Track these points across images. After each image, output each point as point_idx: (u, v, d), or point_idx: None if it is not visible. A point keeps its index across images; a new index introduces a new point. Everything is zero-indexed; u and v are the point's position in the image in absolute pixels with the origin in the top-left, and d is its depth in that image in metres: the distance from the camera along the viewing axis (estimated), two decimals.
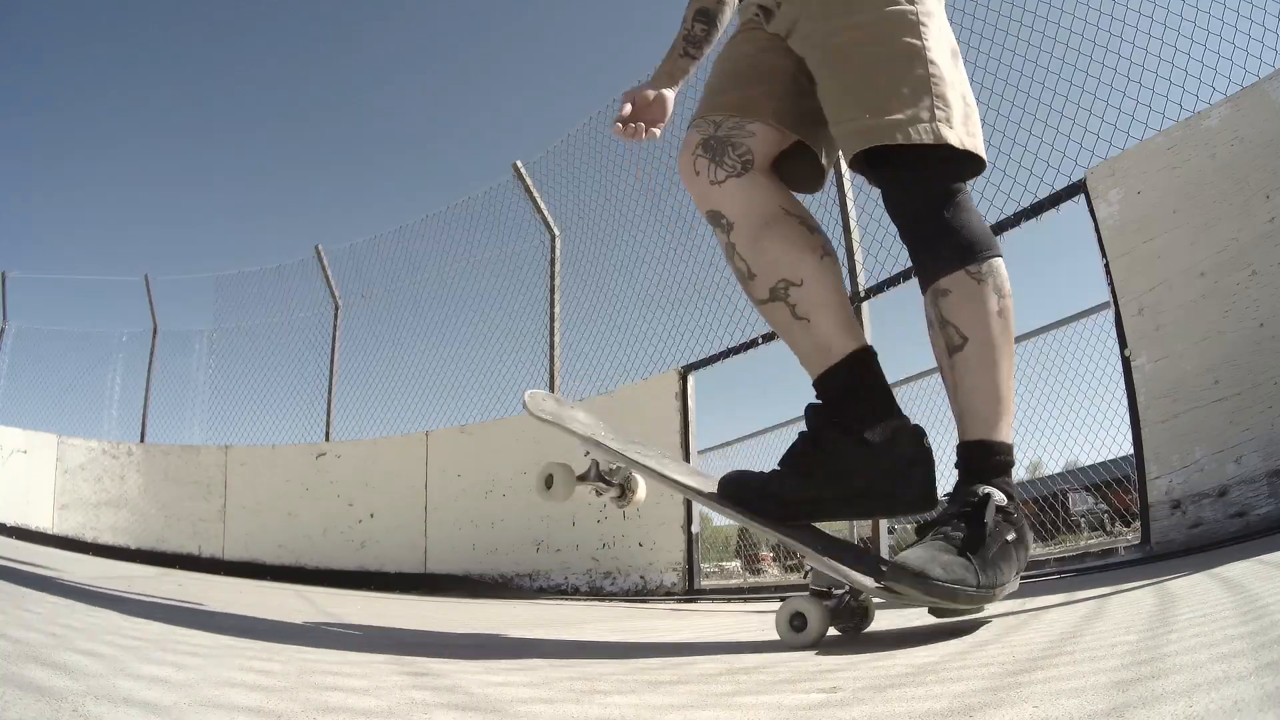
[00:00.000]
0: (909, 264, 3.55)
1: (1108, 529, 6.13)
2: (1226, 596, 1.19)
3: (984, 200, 3.35)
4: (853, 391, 1.29)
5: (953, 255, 1.26)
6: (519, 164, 5.87)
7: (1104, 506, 6.25)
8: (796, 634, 1.13)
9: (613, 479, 1.48)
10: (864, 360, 1.31)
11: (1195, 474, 2.33)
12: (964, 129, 1.28)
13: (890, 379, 1.37)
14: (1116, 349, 2.65)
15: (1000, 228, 3.21)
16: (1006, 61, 3.39)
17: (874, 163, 1.33)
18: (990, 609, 1.61)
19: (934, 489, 1.26)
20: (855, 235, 3.83)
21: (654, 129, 1.57)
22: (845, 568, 1.17)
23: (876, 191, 1.53)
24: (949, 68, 1.31)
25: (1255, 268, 2.28)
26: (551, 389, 5.54)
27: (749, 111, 1.37)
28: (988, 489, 1.17)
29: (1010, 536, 1.15)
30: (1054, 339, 5.39)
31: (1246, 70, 2.59)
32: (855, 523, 7.21)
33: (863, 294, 3.70)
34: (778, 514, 1.27)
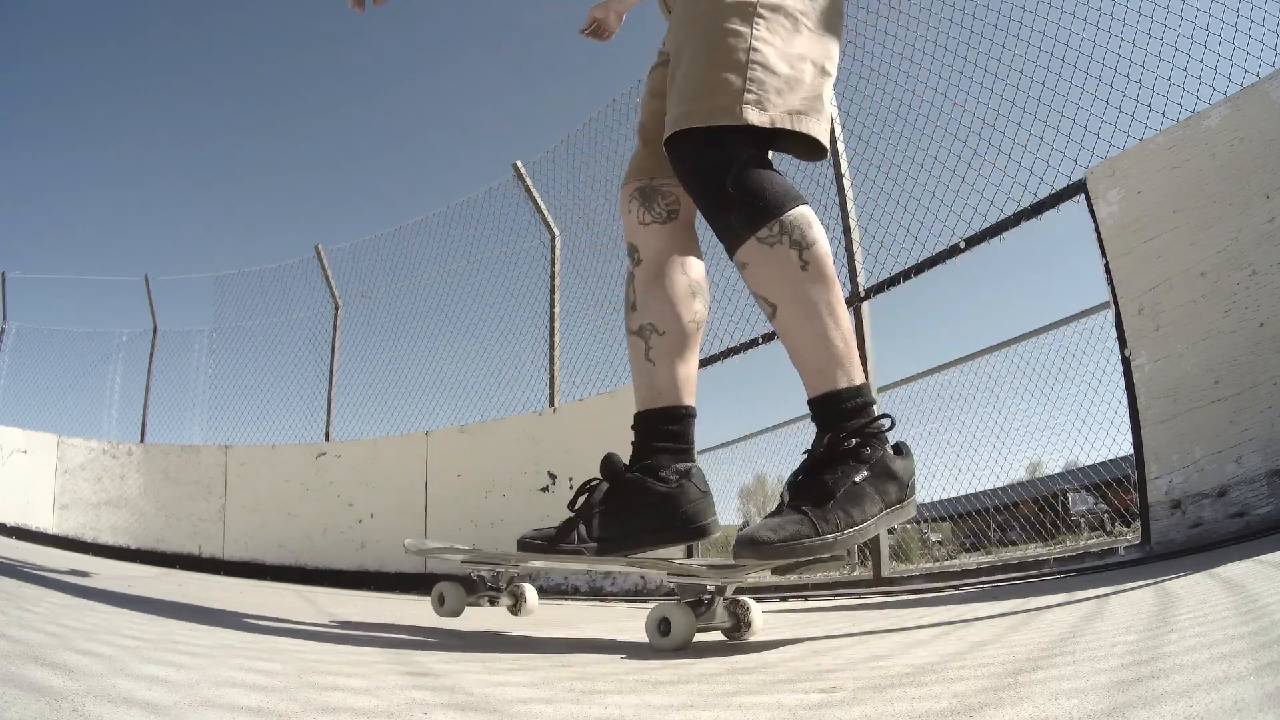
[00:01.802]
0: (909, 264, 3.56)
1: (1108, 529, 6.13)
2: (1226, 596, 1.19)
3: (984, 200, 3.36)
4: (663, 434, 1.44)
5: (742, 224, 1.27)
6: (519, 164, 5.87)
7: (1104, 506, 6.25)
8: (664, 638, 1.18)
9: (501, 588, 1.63)
10: (683, 416, 1.48)
11: (1195, 474, 2.33)
12: (782, 111, 1.29)
13: (890, 379, 1.42)
14: (1116, 349, 2.65)
15: (1000, 228, 3.22)
16: (1007, 61, 3.39)
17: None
18: (988, 609, 1.61)
19: (714, 518, 1.41)
20: (855, 235, 3.82)
21: (608, 34, 1.82)
22: (691, 566, 1.29)
23: (877, 191, 1.57)
24: (785, 56, 1.31)
25: (1255, 268, 2.28)
26: (551, 388, 5.54)
27: (665, 172, 1.49)
28: (842, 434, 1.21)
29: (860, 475, 1.18)
30: (1054, 339, 5.38)
31: (1246, 70, 2.59)
32: None
33: (863, 294, 3.70)
34: (603, 550, 1.40)
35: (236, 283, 8.33)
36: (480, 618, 2.34)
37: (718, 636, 1.32)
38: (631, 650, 1.22)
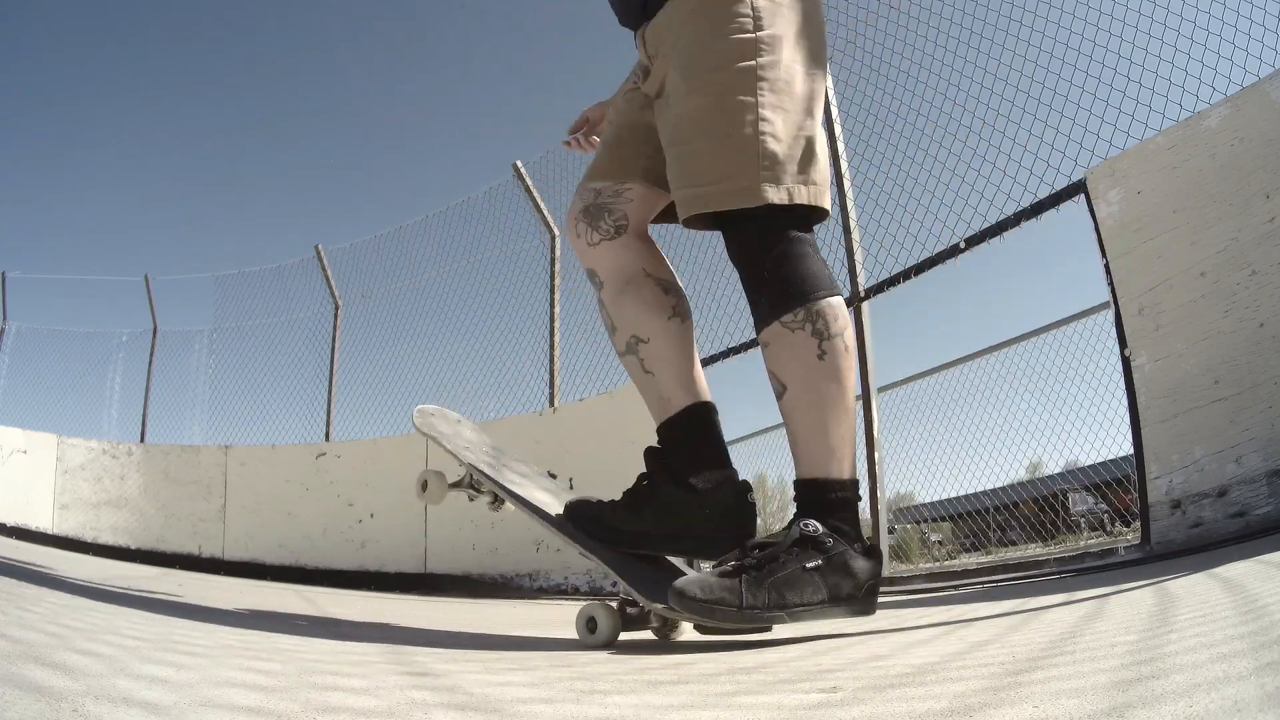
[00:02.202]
0: (909, 264, 3.56)
1: (1108, 529, 6.14)
2: (1226, 596, 1.19)
3: (984, 200, 3.36)
4: (685, 441, 1.41)
5: (769, 308, 1.29)
6: (519, 164, 5.87)
7: (1104, 506, 6.25)
8: (590, 635, 1.26)
9: (481, 487, 1.57)
10: (699, 414, 1.42)
11: (1195, 474, 2.33)
12: (796, 180, 1.30)
13: (890, 379, 1.41)
14: (1116, 349, 2.65)
15: (1000, 228, 3.22)
16: (1007, 61, 3.40)
17: (709, 220, 1.37)
18: (988, 609, 1.61)
19: (749, 538, 1.33)
20: (855, 235, 3.83)
21: (594, 139, 1.76)
22: (634, 589, 1.29)
23: (877, 191, 1.58)
24: (788, 115, 1.31)
25: (1255, 268, 2.28)
26: (551, 388, 5.54)
27: (623, 175, 1.48)
28: (806, 522, 1.21)
29: (813, 563, 1.18)
30: (1054, 339, 5.39)
31: (1246, 70, 2.59)
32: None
33: (863, 294, 3.70)
34: (607, 539, 1.39)
35: (236, 283, 8.34)
36: (480, 618, 2.34)
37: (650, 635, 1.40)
38: (631, 650, 1.23)
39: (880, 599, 1.27)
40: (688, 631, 1.36)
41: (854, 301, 3.71)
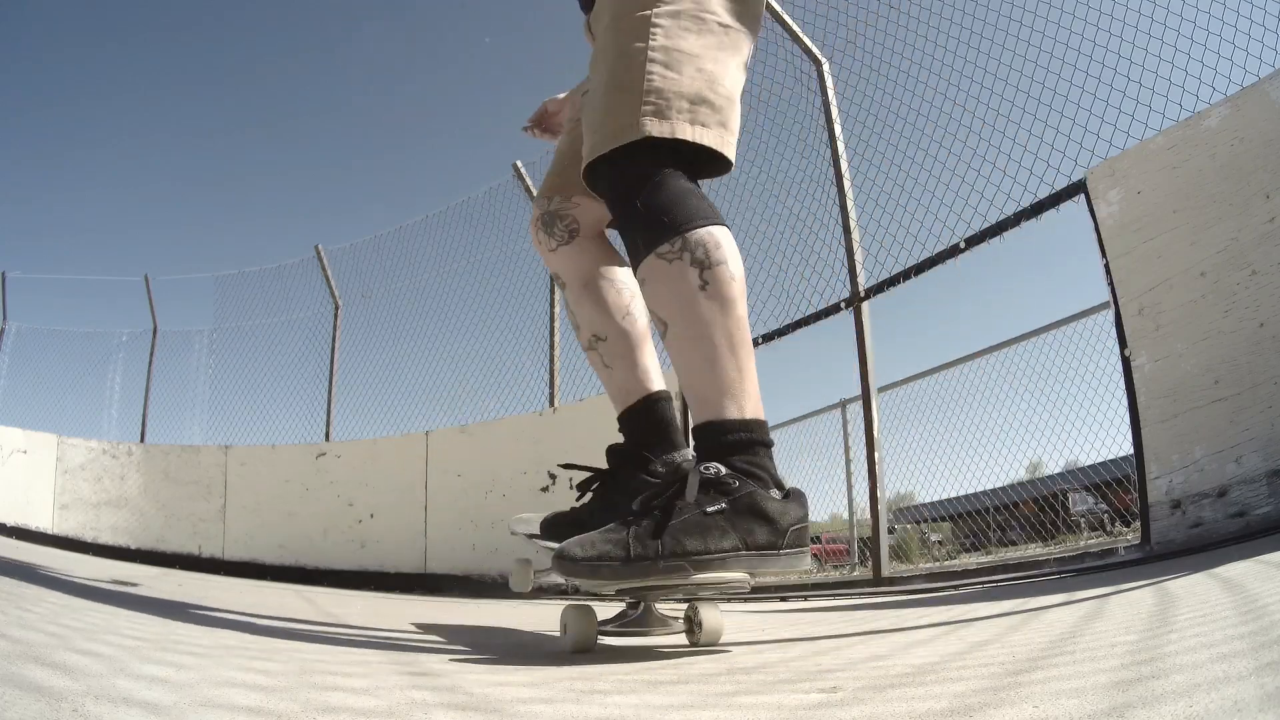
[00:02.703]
0: (909, 264, 3.56)
1: (1108, 529, 6.14)
2: (1226, 596, 1.19)
3: (984, 200, 3.36)
4: (644, 428, 1.46)
5: (643, 242, 1.20)
6: (519, 164, 5.88)
7: (1104, 506, 6.25)
8: (563, 636, 1.18)
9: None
10: (654, 402, 1.47)
11: (1195, 474, 2.33)
12: (684, 116, 1.23)
13: (890, 379, 1.40)
14: (1116, 349, 2.65)
15: (1000, 228, 3.22)
16: (1007, 61, 3.40)
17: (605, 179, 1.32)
18: (988, 609, 1.61)
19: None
20: (855, 235, 3.83)
21: (552, 133, 1.78)
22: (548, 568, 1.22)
23: (877, 191, 1.59)
24: (685, 57, 1.27)
25: (1255, 268, 2.28)
26: (551, 388, 5.53)
27: (567, 190, 1.56)
28: (706, 466, 1.09)
29: (715, 507, 1.06)
30: (1054, 339, 5.40)
31: (1246, 70, 2.59)
32: (856, 521, 7.22)
33: (863, 294, 3.70)
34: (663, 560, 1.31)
35: (236, 283, 8.34)
36: (480, 618, 2.34)
37: (657, 640, 1.30)
38: (631, 650, 1.22)
39: (880, 599, 1.25)
40: (716, 635, 1.24)
41: (854, 301, 3.71)
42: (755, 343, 4.19)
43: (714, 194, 4.81)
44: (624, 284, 1.56)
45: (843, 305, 3.78)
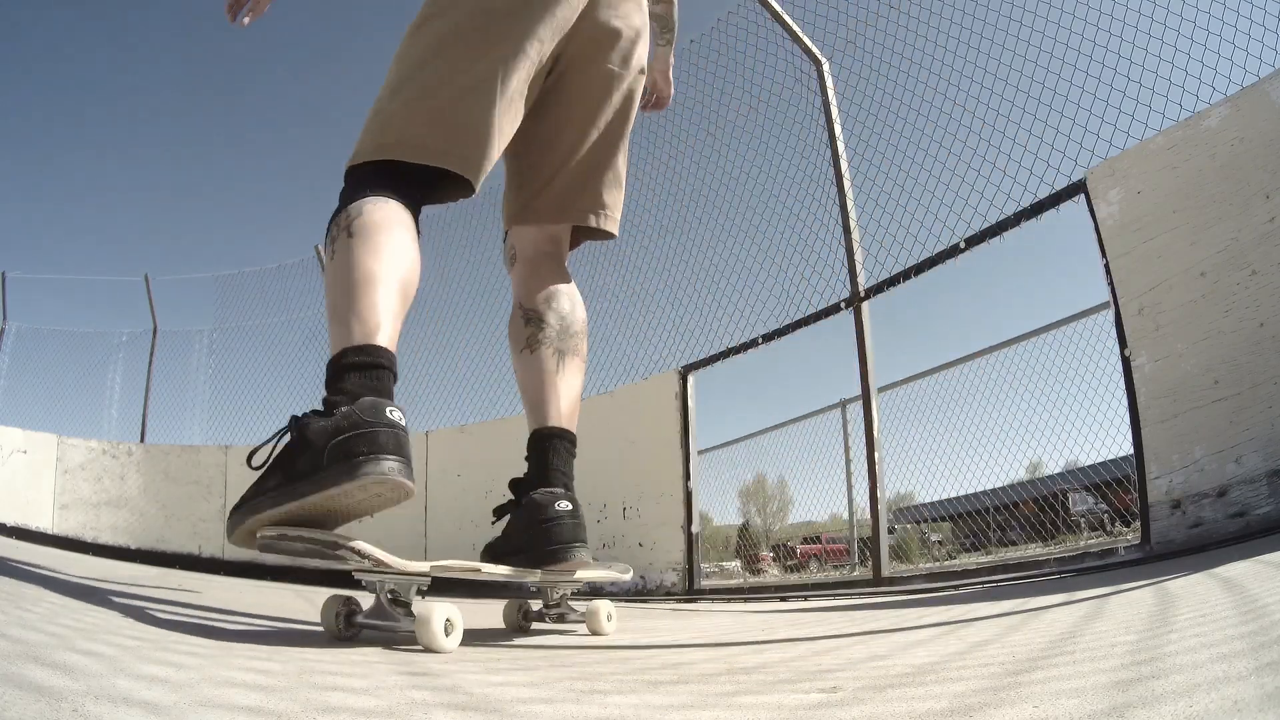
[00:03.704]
0: (909, 264, 3.56)
1: (1108, 529, 6.14)
2: (1226, 596, 1.19)
3: (984, 200, 3.36)
4: (531, 461, 1.56)
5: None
6: None
7: (1104, 506, 6.25)
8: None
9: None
10: (539, 439, 1.55)
11: (1195, 474, 2.33)
12: (374, 139, 1.32)
13: (890, 379, 1.39)
14: (1116, 349, 2.65)
15: (1000, 228, 3.22)
16: (1007, 61, 3.39)
17: None
18: (988, 609, 1.61)
19: (550, 557, 1.41)
20: (855, 235, 3.82)
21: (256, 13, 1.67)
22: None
23: (877, 191, 1.63)
24: (406, 80, 1.35)
25: (1255, 268, 2.28)
26: None
27: (506, 222, 1.72)
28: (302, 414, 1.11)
29: (285, 441, 1.08)
30: (1054, 339, 5.40)
31: (1246, 70, 2.59)
32: (856, 522, 7.22)
33: (862, 294, 3.70)
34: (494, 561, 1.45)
35: (236, 283, 8.35)
36: (481, 618, 2.34)
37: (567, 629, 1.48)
38: (631, 650, 1.22)
39: (880, 599, 1.26)
40: (606, 629, 1.48)
41: (854, 301, 3.71)
42: (755, 343, 4.20)
43: (711, 192, 4.81)
44: (533, 314, 1.61)
45: (843, 305, 3.78)
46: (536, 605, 1.60)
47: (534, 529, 1.41)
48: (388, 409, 1.09)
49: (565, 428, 1.56)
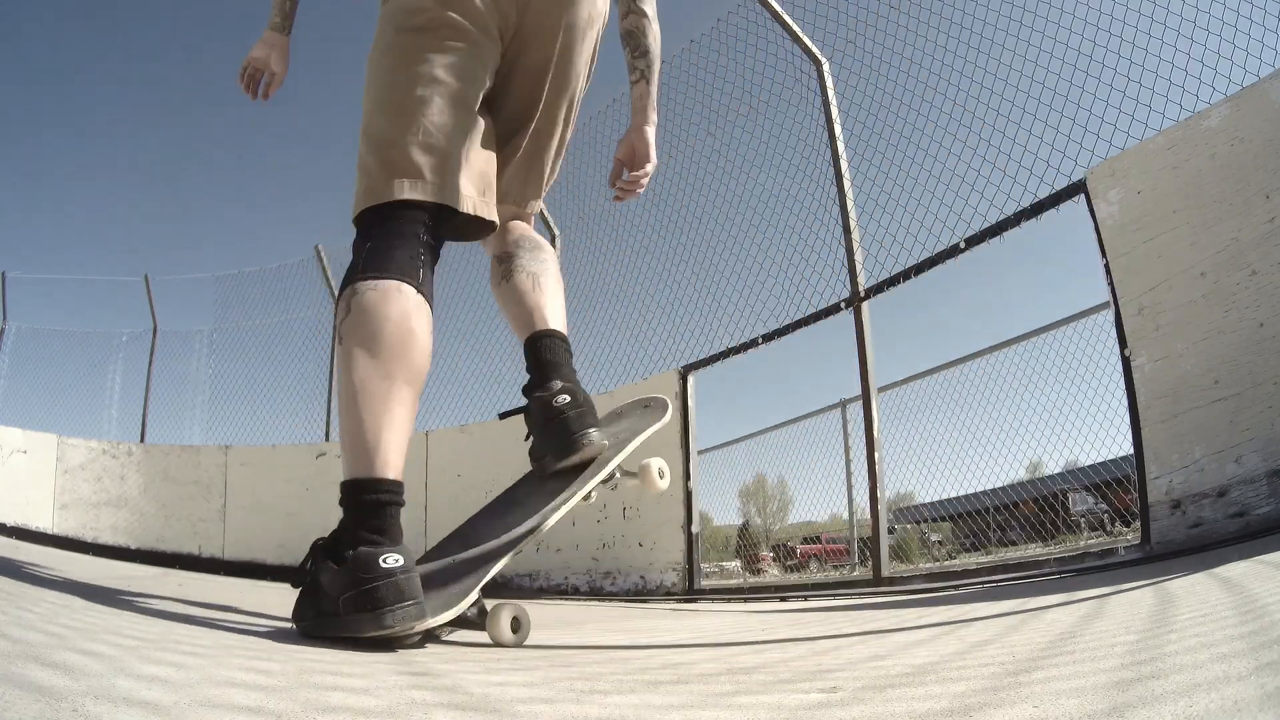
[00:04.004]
0: (909, 264, 3.56)
1: (1108, 529, 6.14)
2: (1226, 596, 1.19)
3: (984, 200, 3.36)
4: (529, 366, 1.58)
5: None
6: None
7: (1104, 506, 6.25)
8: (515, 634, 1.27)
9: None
10: (533, 341, 1.55)
11: (1195, 474, 2.33)
12: (365, 185, 1.35)
13: (890, 379, 1.39)
14: (1116, 349, 2.65)
15: (1000, 228, 3.22)
16: (1007, 61, 3.39)
17: None
18: (988, 609, 1.62)
19: (587, 429, 1.45)
20: (855, 235, 3.82)
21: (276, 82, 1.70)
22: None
23: (877, 191, 1.63)
24: (379, 121, 1.37)
25: (1255, 268, 2.28)
26: None
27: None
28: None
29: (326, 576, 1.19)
30: (1054, 339, 5.40)
31: (1246, 70, 2.59)
32: (856, 522, 7.22)
33: (862, 294, 3.70)
34: None
35: (236, 283, 8.34)
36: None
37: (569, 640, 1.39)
38: (631, 650, 1.22)
39: (880, 599, 1.26)
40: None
41: (854, 301, 3.71)
42: (755, 343, 4.20)
43: (711, 192, 4.82)
44: (503, 257, 1.62)
45: (843, 305, 3.78)
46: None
47: (543, 432, 1.45)
48: (381, 559, 1.13)
49: (553, 328, 1.55)
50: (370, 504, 1.20)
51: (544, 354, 1.50)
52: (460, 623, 1.29)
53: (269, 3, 1.67)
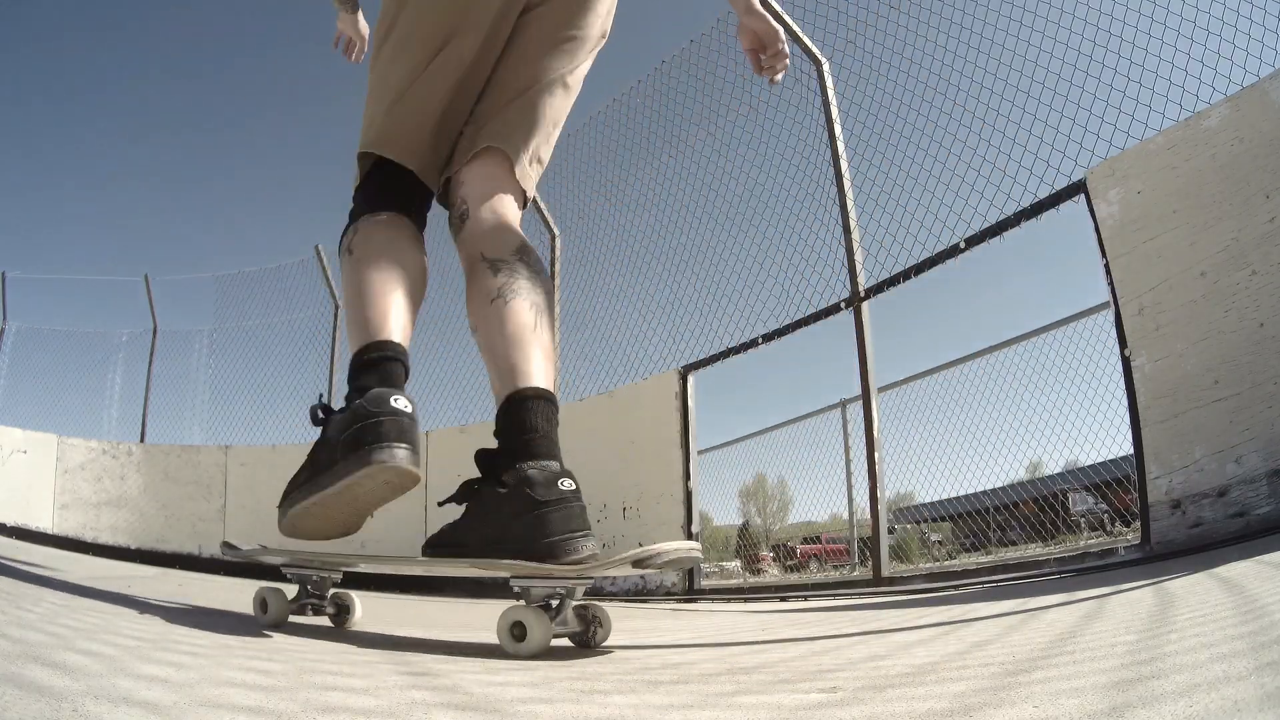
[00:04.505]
0: (909, 264, 3.56)
1: (1108, 529, 6.14)
2: (1226, 596, 1.19)
3: (984, 200, 3.36)
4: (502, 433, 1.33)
5: None
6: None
7: (1104, 506, 6.25)
8: (519, 643, 1.09)
9: (324, 599, 1.54)
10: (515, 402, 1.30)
11: (1195, 474, 2.33)
12: (368, 134, 1.49)
13: (890, 379, 1.38)
14: (1116, 349, 2.65)
15: (1000, 228, 3.22)
16: (1007, 61, 3.39)
17: None
18: (988, 609, 1.62)
19: (585, 530, 1.21)
20: (855, 235, 3.82)
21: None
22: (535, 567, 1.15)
23: (877, 191, 1.61)
24: (377, 81, 1.51)
25: (1255, 268, 2.28)
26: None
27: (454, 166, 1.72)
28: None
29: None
30: (1054, 339, 5.40)
31: (1246, 70, 2.59)
32: (856, 522, 7.22)
33: (863, 294, 3.70)
34: (450, 555, 1.37)
35: (236, 283, 8.35)
36: (481, 618, 2.34)
37: (565, 643, 1.23)
38: (631, 650, 1.22)
39: (880, 599, 1.26)
40: (611, 635, 1.27)
41: (854, 301, 3.71)
42: (756, 343, 4.20)
43: (711, 192, 4.82)
44: (499, 266, 1.45)
45: (843, 305, 3.78)
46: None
47: (528, 515, 1.15)
48: (392, 398, 1.14)
49: (550, 389, 1.30)
50: (372, 361, 1.22)
51: (537, 419, 1.25)
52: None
53: (269, 3, 1.75)
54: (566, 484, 1.17)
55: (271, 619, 1.38)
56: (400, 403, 1.15)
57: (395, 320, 1.26)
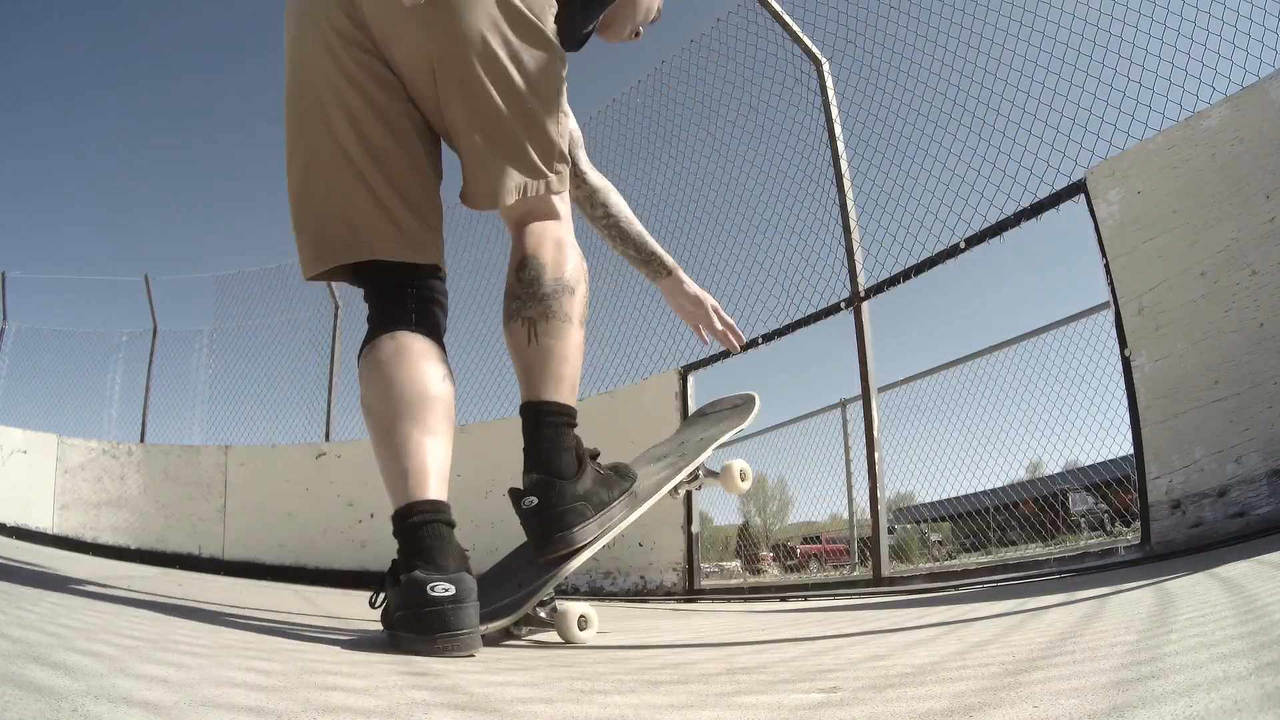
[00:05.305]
0: (909, 264, 3.57)
1: (1108, 529, 6.14)
2: (1226, 597, 1.19)
3: (984, 200, 3.36)
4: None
5: None
6: None
7: (1104, 506, 6.25)
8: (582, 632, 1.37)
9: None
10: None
11: (1195, 474, 2.33)
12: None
13: (890, 379, 1.39)
14: (1116, 349, 2.65)
15: (1000, 228, 3.22)
16: (1007, 61, 3.39)
17: None
18: (988, 609, 1.62)
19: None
20: (855, 235, 3.83)
21: None
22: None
23: (877, 192, 1.61)
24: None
25: (1255, 268, 2.28)
26: None
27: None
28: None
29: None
30: (1054, 339, 5.40)
31: (1246, 70, 2.59)
32: (856, 522, 7.22)
33: (863, 294, 3.70)
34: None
35: (236, 283, 8.35)
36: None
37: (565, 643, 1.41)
38: (631, 650, 1.23)
39: (880, 599, 1.26)
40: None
41: (854, 301, 3.71)
42: (756, 343, 4.20)
43: (711, 192, 4.81)
44: (506, 291, 1.59)
45: (843, 305, 3.78)
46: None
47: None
48: (429, 587, 1.13)
49: (545, 399, 1.48)
50: (409, 528, 1.26)
51: (534, 440, 1.55)
52: (530, 620, 1.41)
53: (268, 4, 1.68)
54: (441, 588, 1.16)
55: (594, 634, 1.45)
56: (439, 590, 1.15)
57: (421, 474, 1.36)
